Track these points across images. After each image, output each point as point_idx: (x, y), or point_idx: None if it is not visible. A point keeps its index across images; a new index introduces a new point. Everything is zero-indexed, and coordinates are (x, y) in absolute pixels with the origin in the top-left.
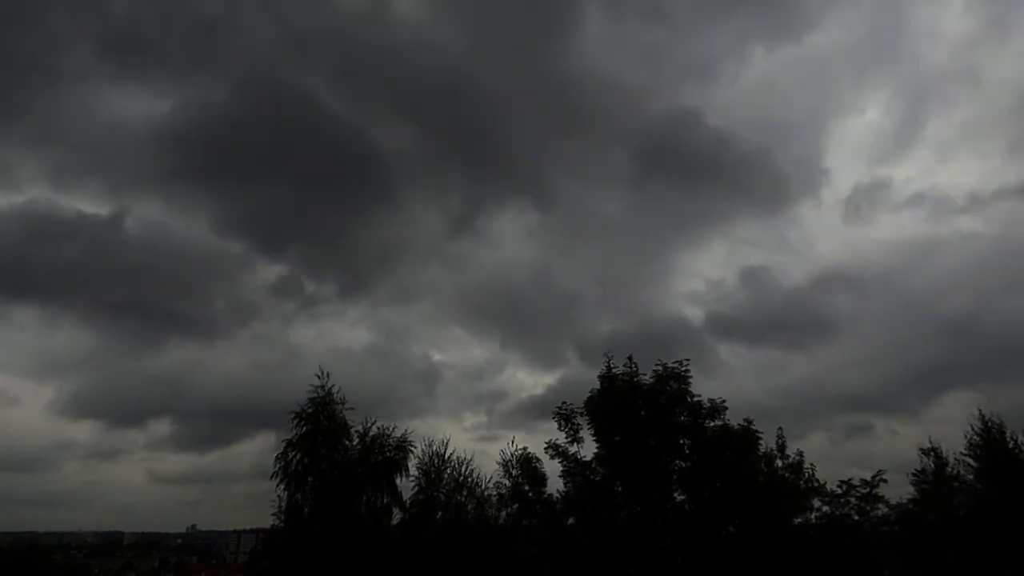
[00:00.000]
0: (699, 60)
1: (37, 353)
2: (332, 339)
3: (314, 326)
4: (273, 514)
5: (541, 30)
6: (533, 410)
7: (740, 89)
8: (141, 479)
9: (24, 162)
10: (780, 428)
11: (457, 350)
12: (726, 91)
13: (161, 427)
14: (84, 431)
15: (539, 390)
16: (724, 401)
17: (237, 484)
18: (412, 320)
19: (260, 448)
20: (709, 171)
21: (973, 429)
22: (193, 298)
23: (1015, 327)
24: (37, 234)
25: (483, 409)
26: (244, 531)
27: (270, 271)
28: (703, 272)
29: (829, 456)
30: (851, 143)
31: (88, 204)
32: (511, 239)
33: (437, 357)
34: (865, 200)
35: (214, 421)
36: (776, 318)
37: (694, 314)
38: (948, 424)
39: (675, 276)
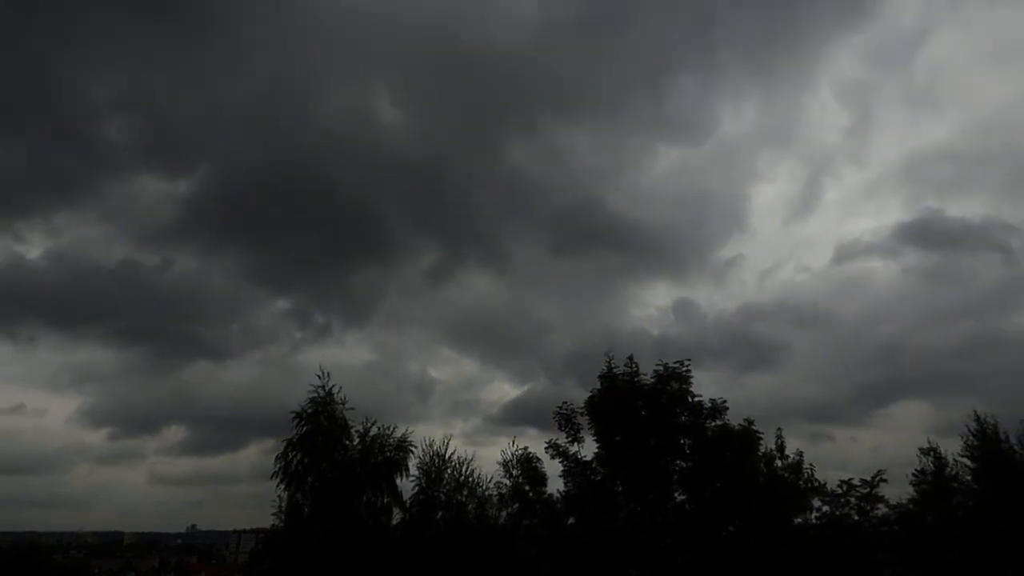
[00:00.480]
0: (616, 160)
1: (70, 370)
2: (334, 358)
3: (318, 349)
4: (273, 514)
5: (499, 135)
6: (509, 418)
7: (657, 176)
8: (144, 480)
9: (97, 231)
10: (779, 428)
11: (446, 367)
12: (638, 180)
13: (172, 434)
14: (99, 438)
15: (510, 399)
16: (725, 401)
17: (238, 485)
18: (404, 343)
19: (263, 451)
20: (621, 239)
21: (969, 430)
22: (212, 327)
23: (935, 349)
24: (92, 274)
25: (468, 416)
26: (244, 531)
27: (281, 306)
28: (648, 306)
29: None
30: (767, 205)
31: (138, 253)
32: (482, 284)
33: (430, 373)
34: (784, 247)
35: (222, 428)
36: (720, 344)
37: (651, 332)
38: (897, 431)
39: (626, 307)
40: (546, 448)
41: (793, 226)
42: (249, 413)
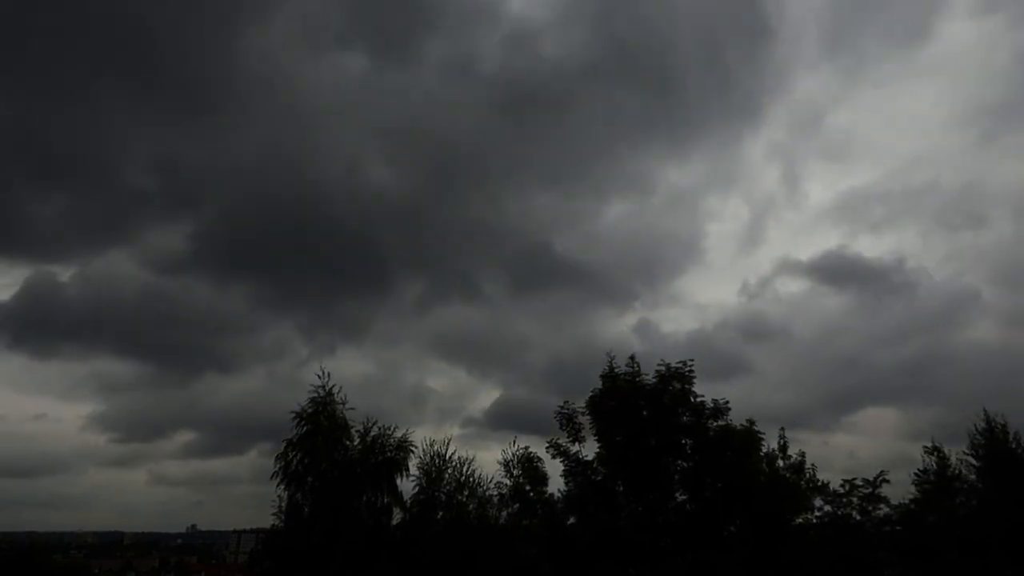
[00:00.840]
0: (569, 213)
1: (90, 381)
2: (335, 370)
3: (320, 362)
4: (273, 514)
5: (466, 192)
6: (491, 422)
7: (609, 223)
8: (145, 481)
9: (124, 264)
10: (782, 428)
11: (437, 378)
12: (591, 227)
13: (179, 438)
14: (111, 442)
15: (493, 405)
16: (727, 401)
17: (239, 486)
18: (397, 357)
19: (263, 453)
20: (575, 276)
21: (976, 428)
22: (222, 344)
23: (887, 364)
24: (117, 299)
25: (459, 422)
26: (244, 531)
27: (285, 327)
28: (607, 329)
29: None
30: (716, 241)
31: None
32: (460, 312)
33: (425, 383)
34: (736, 276)
35: (225, 433)
36: (681, 358)
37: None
38: (867, 435)
39: (590, 328)
40: (547, 448)
41: (741, 258)
42: (253, 419)
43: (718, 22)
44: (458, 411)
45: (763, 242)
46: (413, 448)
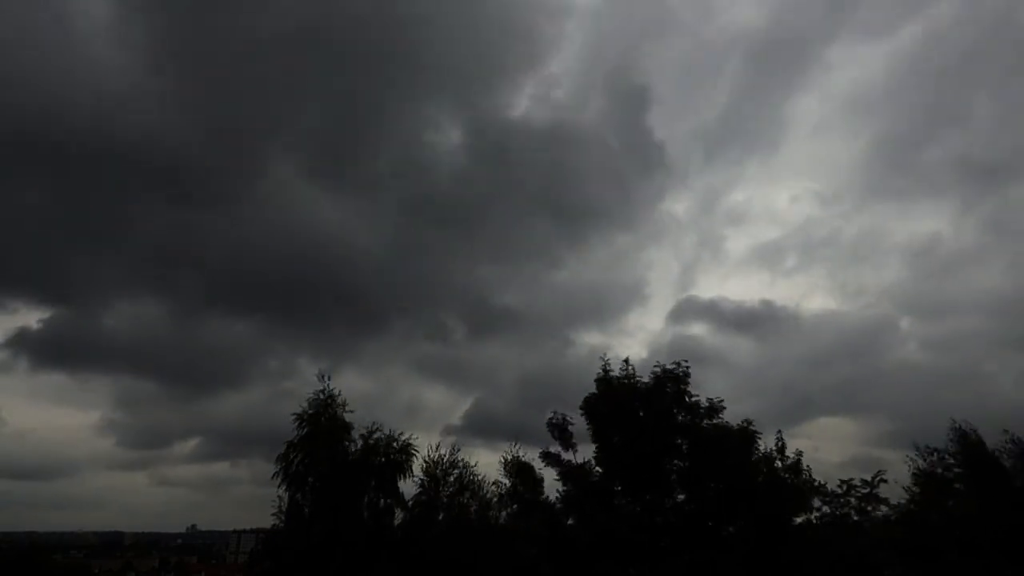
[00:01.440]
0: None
1: (115, 398)
2: (336, 382)
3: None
4: (273, 514)
5: (430, 257)
6: (470, 429)
7: (555, 281)
8: (148, 482)
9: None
10: (779, 430)
11: (424, 393)
12: (538, 285)
13: (188, 444)
14: (117, 447)
15: (470, 415)
16: (722, 400)
17: (239, 487)
18: (390, 376)
19: (264, 455)
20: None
21: (948, 438)
22: (234, 370)
23: (829, 383)
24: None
25: (448, 431)
26: (244, 531)
27: (291, 356)
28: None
29: None
30: (655, 287)
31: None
32: (434, 347)
33: (415, 397)
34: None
35: (230, 440)
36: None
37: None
38: (827, 441)
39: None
40: (539, 456)
41: (676, 300)
42: (256, 427)
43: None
44: (441, 420)
45: (695, 286)
46: (416, 451)
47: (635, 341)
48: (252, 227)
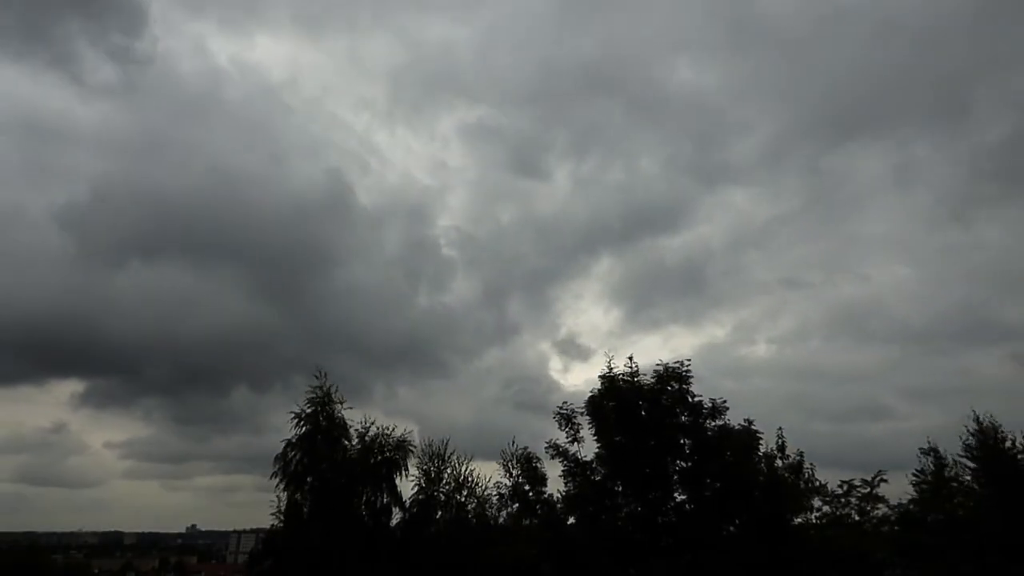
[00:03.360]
0: None
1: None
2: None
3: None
4: (273, 514)
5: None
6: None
7: None
8: (154, 484)
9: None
10: (780, 428)
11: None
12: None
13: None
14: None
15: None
16: (725, 401)
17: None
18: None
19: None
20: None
21: (968, 431)
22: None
23: None
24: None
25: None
26: (244, 531)
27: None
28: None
29: None
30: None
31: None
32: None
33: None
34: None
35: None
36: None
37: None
38: None
39: None
40: (546, 448)
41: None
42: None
43: None
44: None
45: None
46: (412, 448)
47: None
48: None
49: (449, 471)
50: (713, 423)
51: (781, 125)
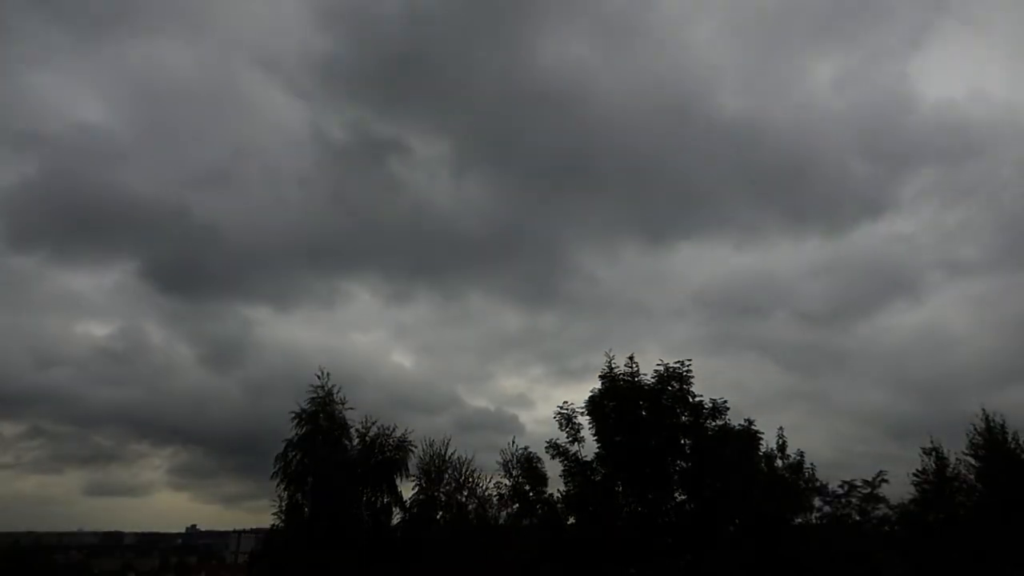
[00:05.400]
0: None
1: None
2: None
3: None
4: (273, 514)
5: None
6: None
7: None
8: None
9: None
10: (780, 428)
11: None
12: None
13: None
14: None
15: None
16: (726, 401)
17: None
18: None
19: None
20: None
21: (975, 428)
22: None
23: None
24: None
25: None
26: (244, 531)
27: None
28: None
29: None
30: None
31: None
32: None
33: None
34: None
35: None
36: None
37: None
38: None
39: None
40: (546, 448)
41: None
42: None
43: None
44: None
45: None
46: (413, 448)
47: None
48: None
49: (449, 471)
50: (713, 423)
51: None
